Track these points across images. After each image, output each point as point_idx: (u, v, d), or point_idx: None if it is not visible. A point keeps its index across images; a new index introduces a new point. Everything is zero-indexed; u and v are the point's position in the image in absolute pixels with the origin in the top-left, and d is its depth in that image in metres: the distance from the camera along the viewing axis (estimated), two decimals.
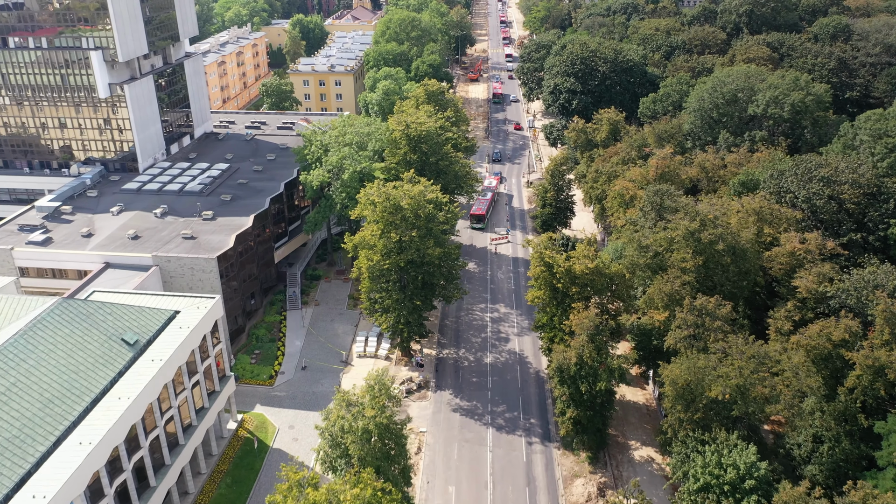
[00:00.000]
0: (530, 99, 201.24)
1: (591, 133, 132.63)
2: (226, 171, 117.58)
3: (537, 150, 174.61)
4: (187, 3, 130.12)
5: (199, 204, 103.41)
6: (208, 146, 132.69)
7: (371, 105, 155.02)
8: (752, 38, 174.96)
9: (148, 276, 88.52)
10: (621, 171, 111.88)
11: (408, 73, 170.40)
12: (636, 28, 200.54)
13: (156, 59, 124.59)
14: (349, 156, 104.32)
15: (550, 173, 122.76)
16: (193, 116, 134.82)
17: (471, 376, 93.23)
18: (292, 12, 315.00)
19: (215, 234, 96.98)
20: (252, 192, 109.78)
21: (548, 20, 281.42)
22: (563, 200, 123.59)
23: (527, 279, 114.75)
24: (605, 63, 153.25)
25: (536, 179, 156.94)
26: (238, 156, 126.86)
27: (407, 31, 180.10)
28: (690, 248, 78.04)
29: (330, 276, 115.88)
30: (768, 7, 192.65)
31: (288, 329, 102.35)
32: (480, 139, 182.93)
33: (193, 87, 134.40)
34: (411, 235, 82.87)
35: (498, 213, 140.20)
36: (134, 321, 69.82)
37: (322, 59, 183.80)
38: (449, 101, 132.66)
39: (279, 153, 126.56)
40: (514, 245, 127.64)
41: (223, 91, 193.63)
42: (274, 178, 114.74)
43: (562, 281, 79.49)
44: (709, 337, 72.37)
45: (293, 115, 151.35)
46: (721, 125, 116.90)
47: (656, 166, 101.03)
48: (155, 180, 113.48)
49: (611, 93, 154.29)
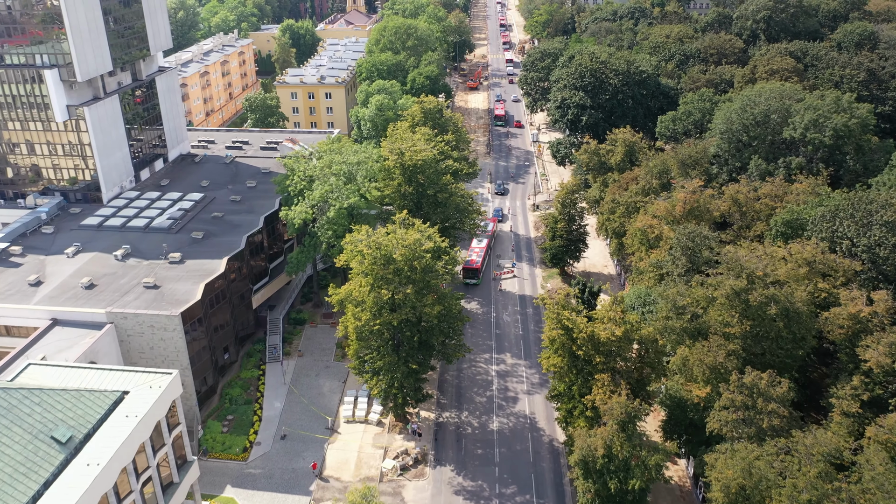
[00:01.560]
0: (534, 110, 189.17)
1: (604, 155, 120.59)
2: (199, 202, 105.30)
3: (542, 168, 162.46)
4: (159, 13, 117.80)
5: (165, 246, 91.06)
6: (183, 171, 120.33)
7: (363, 121, 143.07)
8: (772, 46, 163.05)
9: (101, 336, 76.27)
10: (642, 204, 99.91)
11: (403, 85, 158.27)
12: (646, 35, 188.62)
13: (123, 76, 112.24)
14: (336, 188, 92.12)
15: (561, 202, 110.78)
16: (167, 137, 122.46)
17: (475, 447, 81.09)
18: (283, 16, 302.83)
19: (182, 281, 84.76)
20: (227, 228, 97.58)
21: (550, 24, 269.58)
22: (575, 231, 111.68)
23: (536, 322, 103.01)
24: (616, 76, 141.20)
25: (543, 201, 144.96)
26: (215, 182, 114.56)
27: (402, 39, 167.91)
28: (736, 311, 66.06)
29: (316, 319, 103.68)
30: (787, 13, 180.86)
31: (267, 387, 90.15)
32: (481, 154, 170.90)
33: (167, 106, 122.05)
34: (406, 293, 70.69)
35: (502, 242, 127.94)
36: (69, 410, 57.62)
37: (311, 70, 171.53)
38: (448, 120, 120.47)
39: (261, 179, 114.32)
40: (521, 280, 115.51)
41: (206, 104, 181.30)
42: (253, 211, 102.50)
43: (583, 348, 67.50)
44: (762, 421, 60.48)
45: (279, 134, 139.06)
46: (751, 149, 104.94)
47: (684, 201, 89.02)
48: (119, 214, 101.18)
49: (623, 107, 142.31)
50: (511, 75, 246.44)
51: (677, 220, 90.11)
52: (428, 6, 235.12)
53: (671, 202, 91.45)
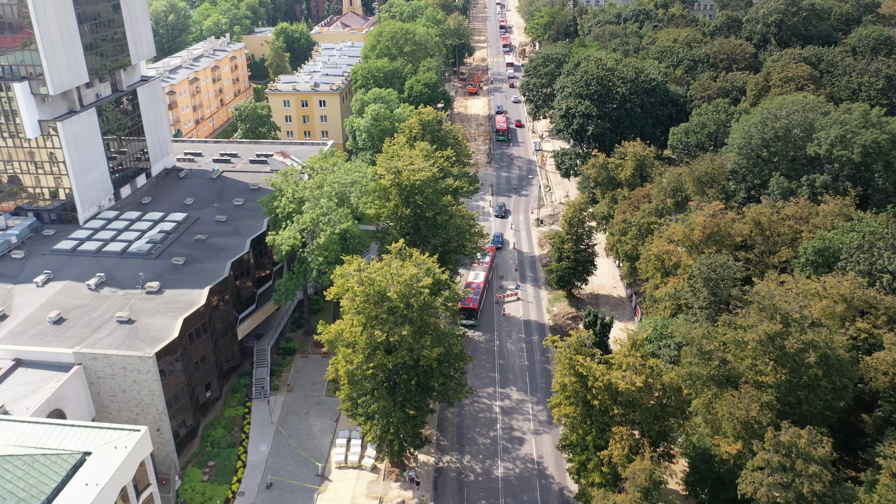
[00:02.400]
0: (536, 117, 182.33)
1: (613, 170, 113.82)
2: (182, 223, 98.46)
3: (546, 179, 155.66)
4: (141, 20, 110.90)
5: (141, 275, 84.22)
6: (167, 187, 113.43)
7: (359, 132, 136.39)
8: (785, 52, 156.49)
9: (68, 379, 69.50)
10: (656, 226, 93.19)
11: (400, 93, 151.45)
12: (652, 39, 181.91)
13: (102, 87, 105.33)
14: (328, 211, 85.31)
15: (568, 221, 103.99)
16: (150, 152, 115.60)
17: (478, 497, 74.28)
18: (278, 19, 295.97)
19: (159, 315, 77.94)
20: (211, 253, 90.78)
21: (551, 27, 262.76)
22: (583, 252, 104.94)
23: (542, 351, 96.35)
24: (624, 84, 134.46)
25: (547, 215, 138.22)
26: (200, 200, 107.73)
27: (399, 45, 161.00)
28: (770, 358, 59.37)
29: (307, 349, 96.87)
30: (800, 17, 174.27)
31: (252, 427, 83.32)
32: (482, 164, 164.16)
33: (150, 118, 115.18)
34: (402, 334, 63.88)
35: (505, 261, 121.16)
36: (21, 480, 50.86)
37: (304, 77, 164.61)
38: (447, 132, 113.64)
39: (249, 196, 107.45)
40: (525, 303, 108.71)
41: (196, 111, 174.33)
42: (239, 232, 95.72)
43: (599, 397, 60.85)
44: (802, 485, 53.78)
45: (269, 145, 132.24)
46: (772, 165, 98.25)
47: (703, 225, 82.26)
48: (95, 237, 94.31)
49: (631, 117, 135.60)
50: (512, 79, 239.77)
51: (696, 245, 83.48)
52: (426, 9, 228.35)
53: (689, 225, 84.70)
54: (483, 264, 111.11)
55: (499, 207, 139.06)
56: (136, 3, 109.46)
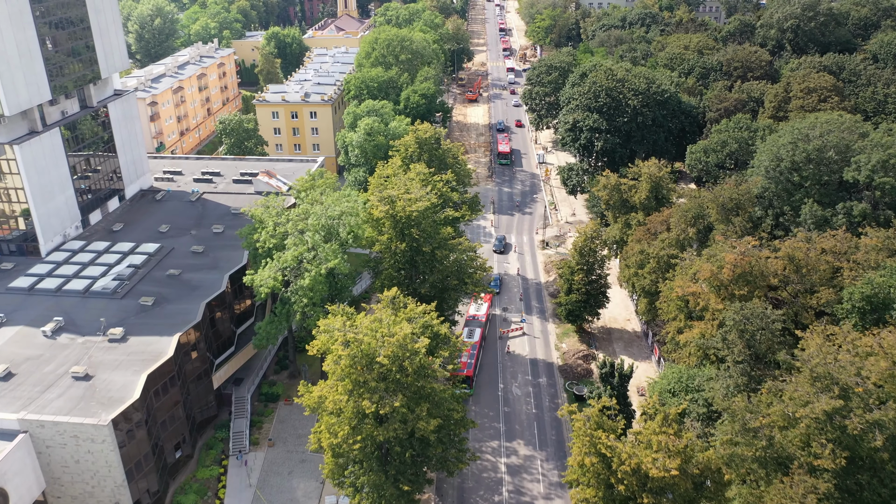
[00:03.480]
0: (539, 128, 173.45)
1: (626, 192, 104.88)
2: (154, 254, 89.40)
3: (551, 195, 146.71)
4: (112, 30, 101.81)
5: (102, 321, 75.12)
6: (141, 211, 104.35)
7: (351, 147, 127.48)
8: (804, 60, 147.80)
9: (12, 449, 60.49)
10: (678, 260, 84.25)
11: (396, 104, 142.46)
12: (662, 45, 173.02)
13: (68, 104, 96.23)
14: (314, 246, 76.30)
15: (578, 250, 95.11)
16: (124, 172, 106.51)
17: None
18: (271, 22, 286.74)
19: (120, 369, 68.94)
20: (184, 291, 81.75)
21: (553, 30, 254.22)
22: (595, 283, 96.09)
23: (551, 396, 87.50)
24: (635, 96, 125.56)
25: (552, 237, 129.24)
26: (176, 226, 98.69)
27: (395, 53, 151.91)
28: (827, 438, 50.51)
29: (291, 394, 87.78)
30: (817, 22, 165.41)
31: (228, 491, 74.27)
32: (483, 178, 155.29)
33: (124, 135, 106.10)
34: (394, 406, 54.92)
35: (509, 289, 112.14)
36: None
37: (294, 87, 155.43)
38: (447, 151, 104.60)
39: (230, 222, 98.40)
40: (532, 339, 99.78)
41: (181, 122, 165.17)
42: (217, 266, 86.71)
43: (625, 482, 51.94)
44: None
45: (255, 162, 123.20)
46: (804, 191, 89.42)
47: (733, 264, 73.32)
48: (56, 273, 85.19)
49: (642, 131, 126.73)
50: (512, 84, 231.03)
51: (724, 286, 74.56)
52: (423, 12, 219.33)
53: (717, 262, 75.69)
54: (479, 319, 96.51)
55: (498, 241, 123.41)
56: (107, 11, 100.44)
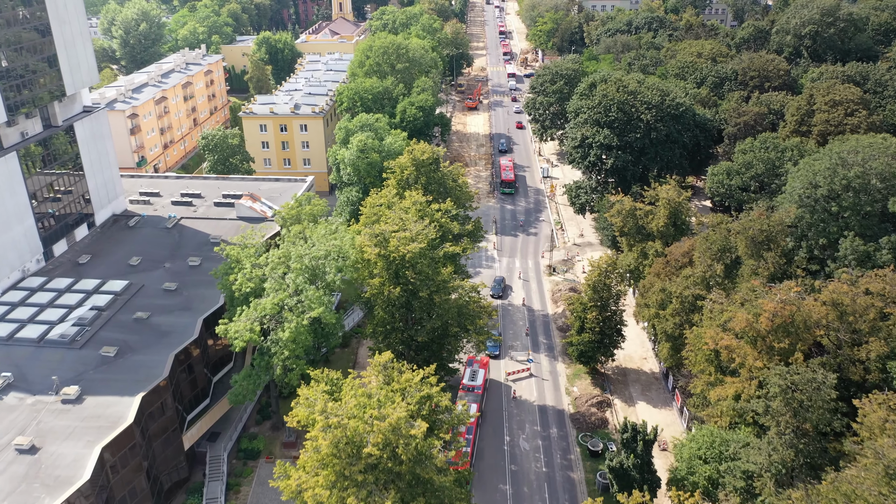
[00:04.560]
0: (543, 139, 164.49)
1: (642, 217, 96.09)
2: (122, 293, 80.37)
3: (557, 214, 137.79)
4: (79, 43, 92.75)
5: (55, 379, 66.08)
6: (111, 240, 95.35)
7: (343, 165, 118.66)
8: (824, 68, 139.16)
9: None
10: (704, 300, 75.39)
11: (391, 117, 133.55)
12: (672, 52, 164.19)
13: (29, 124, 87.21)
14: (297, 289, 67.35)
15: (592, 286, 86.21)
16: (93, 197, 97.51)
17: None
18: (263, 26, 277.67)
19: (72, 440, 59.97)
20: (152, 339, 72.74)
21: (555, 34, 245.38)
22: (610, 320, 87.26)
23: (562, 451, 78.71)
24: (648, 109, 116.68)
25: (560, 261, 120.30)
26: (149, 258, 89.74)
27: (391, 61, 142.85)
28: None
29: (273, 450, 78.84)
30: (836, 27, 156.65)
31: None
32: (484, 194, 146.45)
33: (93, 156, 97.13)
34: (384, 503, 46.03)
35: (514, 322, 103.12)
36: None
37: (283, 97, 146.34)
38: (446, 174, 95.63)
39: (208, 253, 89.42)
40: (540, 381, 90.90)
41: (164, 134, 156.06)
42: (190, 307, 77.74)
43: None
44: None
45: (239, 182, 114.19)
46: (843, 222, 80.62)
47: (772, 314, 64.48)
48: (9, 317, 76.06)
49: (656, 147, 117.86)
50: (514, 91, 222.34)
51: (762, 337, 65.74)
52: (421, 16, 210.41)
53: (753, 309, 66.86)
54: (476, 390, 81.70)
55: (496, 284, 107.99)
56: (73, 22, 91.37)
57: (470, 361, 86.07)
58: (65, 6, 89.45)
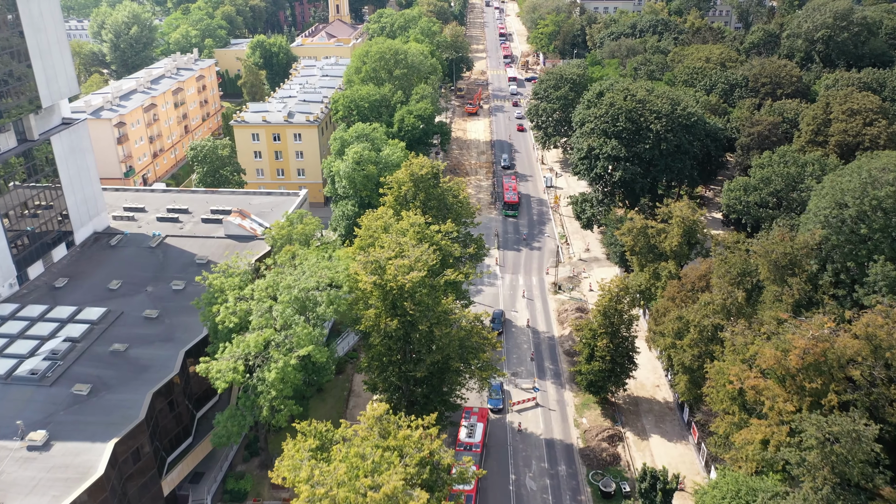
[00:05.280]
0: (546, 147, 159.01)
1: (654, 236, 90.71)
2: (99, 322, 74.88)
3: (562, 227, 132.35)
4: (56, 51, 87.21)
5: (20, 424, 60.57)
6: (91, 261, 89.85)
7: (338, 177, 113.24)
8: (839, 74, 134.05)
9: None
10: (725, 330, 69.97)
11: (389, 126, 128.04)
12: (679, 56, 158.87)
13: (3, 139, 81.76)
14: (286, 322, 61.87)
15: (602, 311, 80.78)
16: (72, 214, 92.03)
17: None
18: (259, 28, 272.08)
19: (35, 495, 54.46)
20: (129, 375, 67.25)
21: (557, 36, 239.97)
22: (622, 347, 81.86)
23: (572, 490, 73.18)
24: (658, 119, 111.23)
25: (565, 278, 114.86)
26: (131, 280, 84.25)
27: (389, 68, 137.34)
28: None
29: (262, 491, 73.33)
30: (850, 32, 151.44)
31: None
32: (485, 205, 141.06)
33: (72, 172, 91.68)
34: None
35: (518, 346, 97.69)
36: None
37: (277, 105, 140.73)
38: (447, 191, 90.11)
39: (193, 275, 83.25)
40: (546, 412, 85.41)
41: (153, 143, 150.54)
42: (172, 338, 72.25)
43: None
44: None
45: (229, 196, 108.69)
46: (871, 244, 75.17)
47: (803, 351, 59.09)
48: None
49: (666, 158, 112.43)
50: (515, 95, 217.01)
51: (791, 376, 60.38)
52: (420, 19, 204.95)
53: (782, 344, 61.47)
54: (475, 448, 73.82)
55: (496, 319, 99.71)
56: (49, 30, 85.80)
57: (467, 413, 78.34)
58: (40, 12, 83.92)
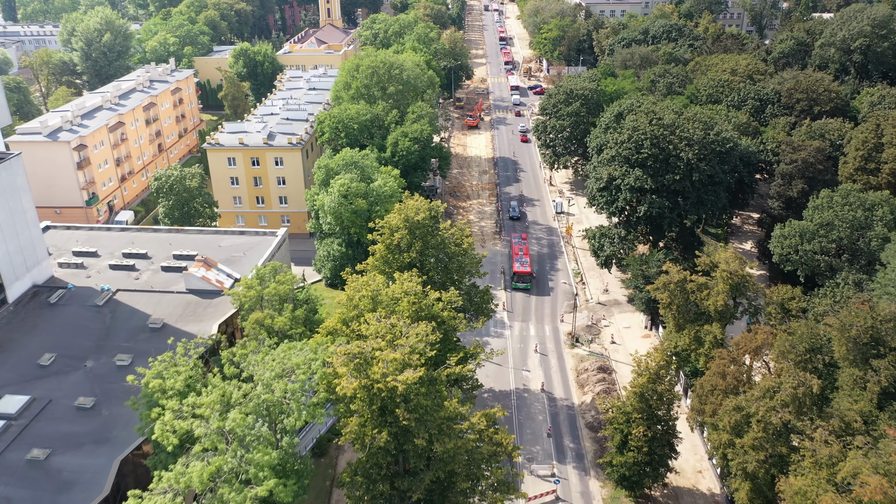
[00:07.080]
0: (555, 167, 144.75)
1: (694, 292, 76.43)
2: (17, 416, 60.30)
3: (576, 262, 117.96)
4: None
5: None
6: (23, 326, 75.16)
7: (323, 213, 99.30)
8: (885, 90, 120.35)
9: None
10: (797, 432, 55.70)
11: (381, 150, 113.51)
12: (703, 67, 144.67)
13: None
14: (243, 441, 47.33)
15: (638, 394, 66.44)
16: (3, 268, 77.32)
17: None
18: (246, 33, 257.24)
19: None
20: (47, 493, 52.73)
21: (561, 41, 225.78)
22: (661, 433, 67.54)
23: None
24: (689, 146, 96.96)
25: (583, 327, 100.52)
26: (67, 353, 69.62)
27: (382, 83, 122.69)
28: None
29: None
30: (891, 41, 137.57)
31: None
32: (488, 235, 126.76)
33: (3, 216, 77.00)
34: None
35: (531, 415, 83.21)
36: None
37: (256, 125, 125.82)
38: (447, 238, 75.50)
39: (144, 346, 69.40)
40: None
41: (120, 166, 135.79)
42: (108, 438, 57.78)
43: None
44: None
45: (197, 235, 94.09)
46: None
47: None
48: None
49: (698, 191, 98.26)
50: (518, 105, 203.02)
51: None
52: (416, 24, 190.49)
53: (887, 466, 47.24)
54: None
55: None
56: None
57: None
58: None
